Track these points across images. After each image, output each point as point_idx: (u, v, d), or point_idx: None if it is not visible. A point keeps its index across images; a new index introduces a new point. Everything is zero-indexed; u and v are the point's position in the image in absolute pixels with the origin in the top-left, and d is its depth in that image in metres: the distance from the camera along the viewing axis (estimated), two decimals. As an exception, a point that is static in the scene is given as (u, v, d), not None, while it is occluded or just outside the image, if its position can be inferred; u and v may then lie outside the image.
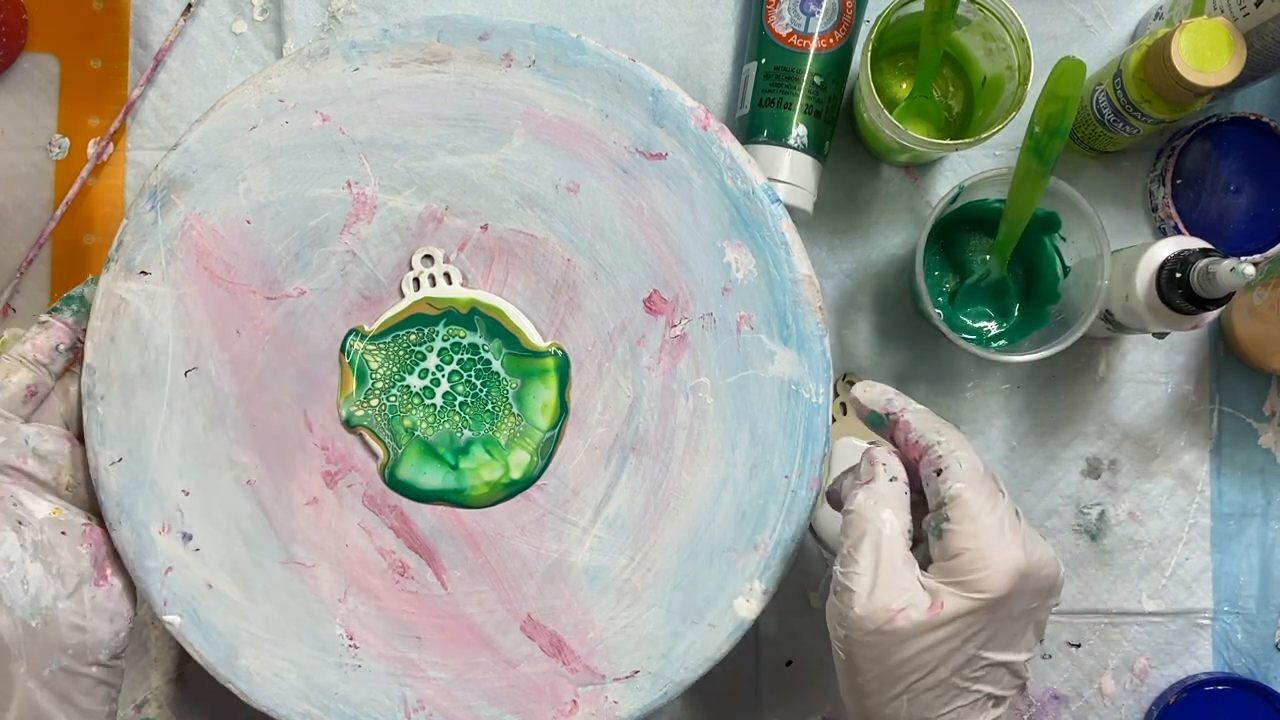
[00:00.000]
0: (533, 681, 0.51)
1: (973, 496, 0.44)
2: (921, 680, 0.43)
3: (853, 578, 0.43)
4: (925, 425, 0.46)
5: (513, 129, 0.52)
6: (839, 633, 0.44)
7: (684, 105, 0.52)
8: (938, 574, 0.44)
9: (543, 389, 0.52)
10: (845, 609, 0.43)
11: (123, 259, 0.52)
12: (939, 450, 0.45)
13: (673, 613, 0.51)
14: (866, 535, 0.44)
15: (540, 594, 0.52)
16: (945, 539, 0.44)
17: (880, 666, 0.43)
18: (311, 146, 0.52)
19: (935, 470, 0.45)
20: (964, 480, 0.44)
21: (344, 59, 0.52)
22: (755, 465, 0.52)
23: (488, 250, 0.53)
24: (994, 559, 0.43)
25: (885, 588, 0.43)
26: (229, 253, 0.52)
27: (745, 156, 0.52)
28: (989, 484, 0.45)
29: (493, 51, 0.52)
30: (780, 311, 0.52)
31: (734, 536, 0.51)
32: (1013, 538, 0.43)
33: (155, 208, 0.52)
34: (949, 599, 0.43)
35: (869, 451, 0.47)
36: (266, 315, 0.52)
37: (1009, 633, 0.44)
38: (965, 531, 0.43)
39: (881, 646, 0.43)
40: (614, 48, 0.52)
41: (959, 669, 0.43)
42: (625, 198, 0.52)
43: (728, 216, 0.52)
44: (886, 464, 0.46)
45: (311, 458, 0.52)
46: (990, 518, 0.43)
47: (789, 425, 0.51)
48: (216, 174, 0.52)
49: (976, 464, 0.45)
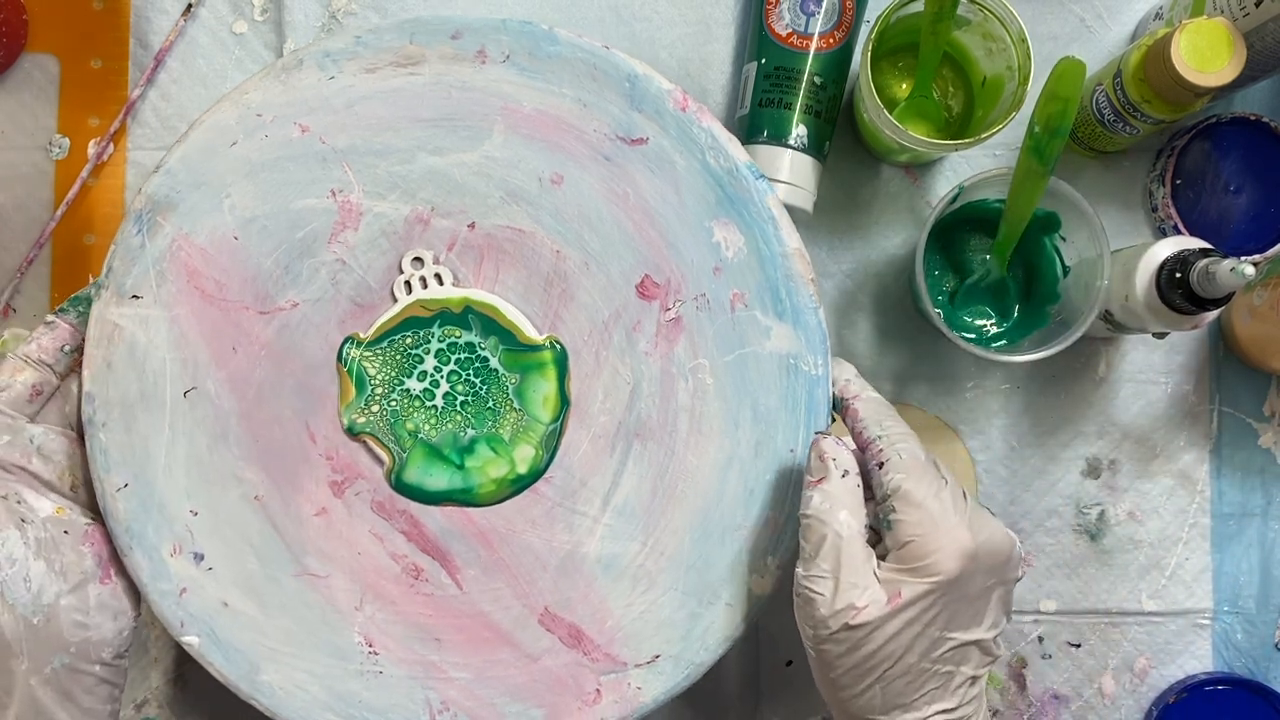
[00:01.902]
0: (555, 674, 0.51)
1: (914, 486, 0.45)
2: (891, 669, 0.44)
3: (816, 581, 0.45)
4: (871, 416, 0.48)
5: (492, 125, 0.52)
6: (807, 632, 0.45)
7: (661, 88, 0.52)
8: (893, 563, 0.45)
9: (542, 382, 0.52)
10: (811, 611, 0.45)
11: (113, 285, 0.52)
12: (880, 444, 0.47)
13: (689, 595, 0.51)
14: (826, 539, 0.45)
15: (555, 586, 0.52)
16: (894, 530, 0.45)
17: (850, 660, 0.44)
18: (293, 158, 0.52)
19: (878, 463, 0.46)
20: (904, 471, 0.45)
21: (318, 68, 0.52)
22: (760, 442, 0.52)
23: (477, 248, 0.53)
24: (940, 542, 0.44)
25: (847, 587, 0.44)
26: (219, 270, 0.52)
27: (726, 135, 0.52)
28: (930, 472, 0.46)
29: (466, 50, 0.52)
30: (773, 286, 0.52)
31: (744, 514, 0.51)
32: (958, 520, 0.45)
33: (142, 231, 0.52)
34: (904, 587, 0.44)
35: (817, 444, 0.47)
36: (261, 330, 0.52)
37: (970, 611, 0.46)
38: (910, 520, 0.44)
39: (849, 642, 0.44)
40: (586, 36, 0.52)
41: (926, 653, 0.45)
42: (610, 185, 0.52)
43: (713, 196, 0.52)
44: (837, 458, 0.47)
45: (317, 468, 0.52)
46: (934, 504, 0.45)
47: (790, 399, 0.52)
48: (200, 193, 0.52)
49: (917, 453, 0.46)
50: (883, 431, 0.47)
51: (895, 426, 0.47)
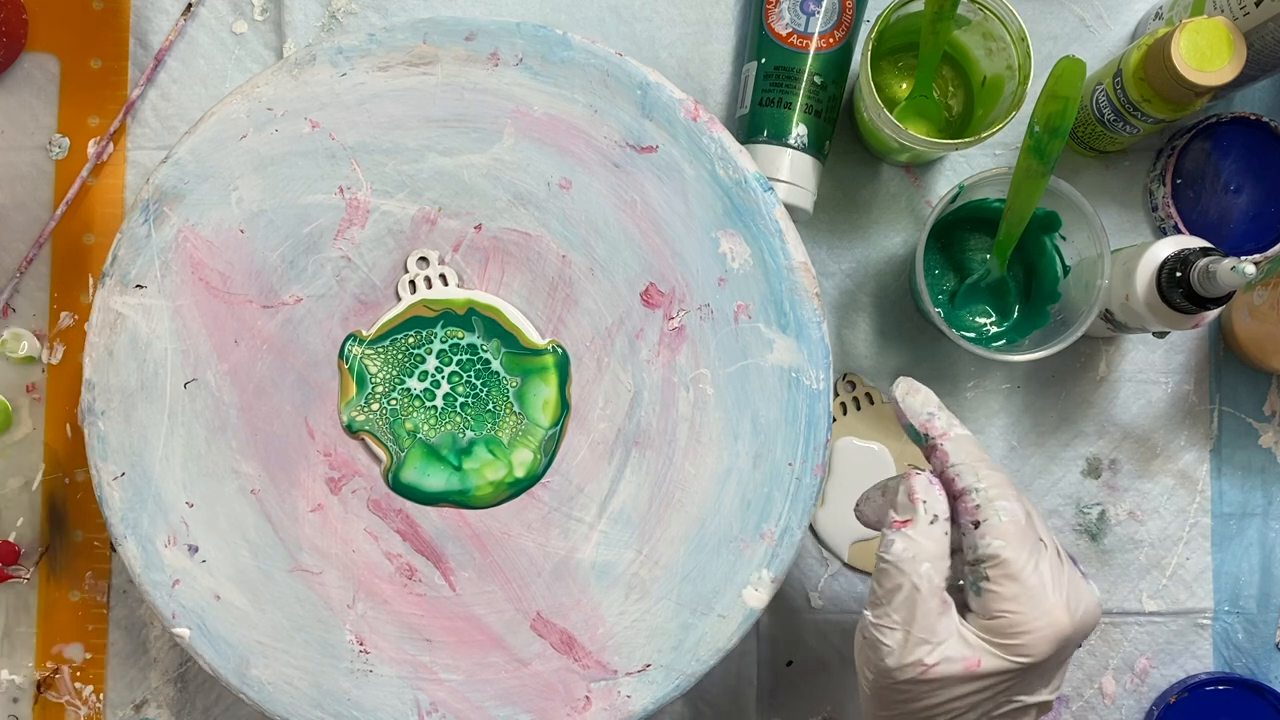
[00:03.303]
0: (545, 679, 0.51)
1: (1013, 555, 0.41)
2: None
3: (885, 631, 0.42)
4: (964, 460, 0.43)
5: (502, 128, 0.52)
6: (868, 675, 0.43)
7: (673, 97, 0.52)
8: (979, 630, 0.42)
9: (543, 386, 0.52)
10: (877, 659, 0.42)
11: (117, 273, 0.52)
12: (977, 498, 0.42)
13: (682, 605, 0.51)
14: (902, 590, 0.42)
15: (549, 591, 0.52)
16: (984, 599, 0.42)
17: (908, 708, 0.42)
18: (302, 154, 0.52)
19: (973, 521, 0.42)
20: (1004, 537, 0.41)
21: (331, 65, 0.52)
22: (758, 454, 0.51)
23: (482, 250, 0.53)
24: (1036, 624, 0.41)
25: (917, 643, 0.41)
26: (224, 263, 0.52)
27: (736, 146, 0.52)
28: (1030, 537, 0.42)
29: (479, 51, 0.52)
30: (777, 299, 0.52)
31: (740, 526, 0.51)
32: (1056, 599, 0.41)
33: (148, 221, 0.52)
34: (987, 659, 0.41)
35: (909, 483, 0.43)
36: (264, 324, 0.52)
37: (1044, 678, 0.43)
38: (1005, 594, 0.41)
39: (912, 693, 0.42)
40: (600, 42, 0.52)
41: (987, 713, 0.43)
42: (618, 192, 0.52)
43: (721, 206, 0.52)
44: (928, 501, 0.43)
45: (315, 464, 0.52)
46: (1033, 578, 0.41)
47: (790, 413, 0.51)
48: (208, 185, 0.52)
49: (1017, 514, 0.42)
50: (979, 483, 0.42)
51: (992, 475, 0.43)
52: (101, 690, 0.59)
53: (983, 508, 0.42)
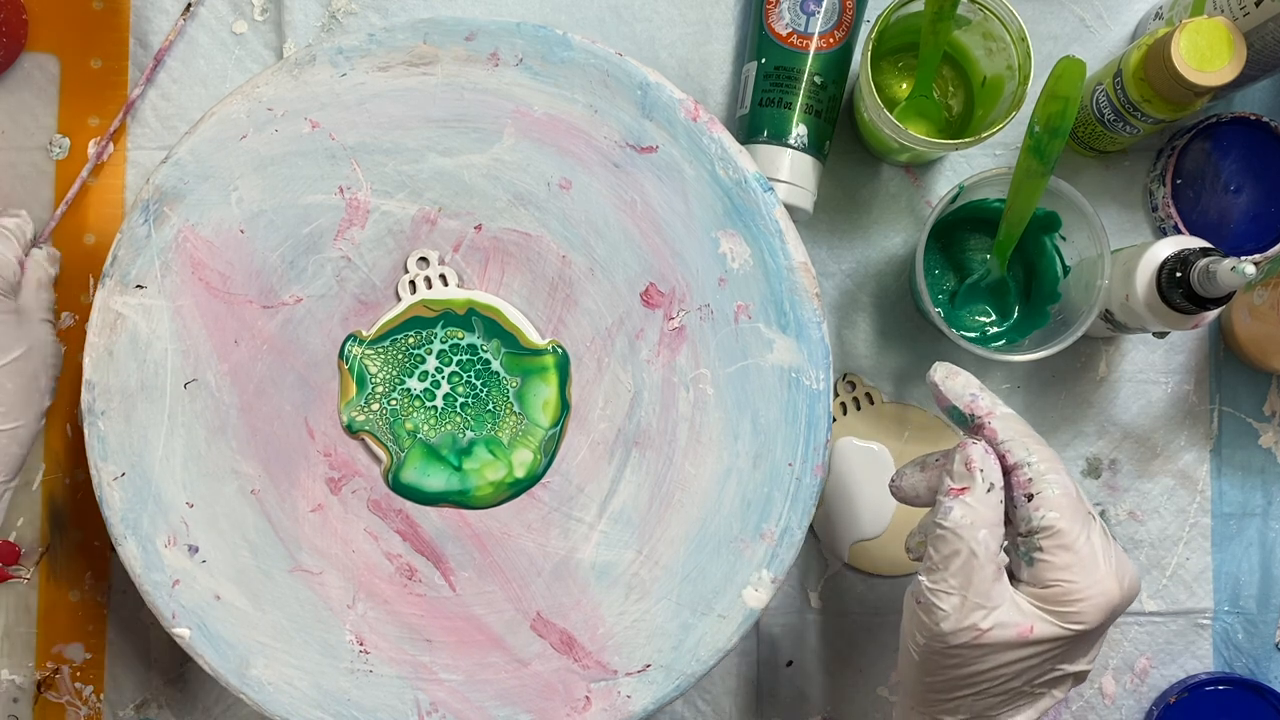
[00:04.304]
0: (545, 680, 0.51)
1: (1067, 526, 0.43)
2: (993, 688, 0.44)
3: (941, 595, 0.43)
4: (1014, 435, 0.45)
5: (502, 128, 0.52)
6: (919, 639, 0.44)
7: (673, 97, 0.52)
8: (1032, 598, 0.43)
9: (543, 386, 0.52)
10: (931, 623, 0.43)
11: (117, 273, 0.52)
12: (1029, 472, 0.44)
13: (682, 605, 0.51)
14: (959, 554, 0.43)
15: (549, 592, 0.52)
16: (1037, 568, 0.43)
17: (956, 673, 0.44)
18: (302, 154, 0.52)
19: (1026, 494, 0.44)
20: (1057, 509, 0.43)
21: (331, 65, 0.52)
22: (758, 454, 0.51)
23: (483, 250, 0.53)
24: (1089, 593, 0.42)
25: (972, 608, 0.42)
26: (224, 263, 0.52)
27: (736, 146, 0.52)
28: (1081, 509, 0.43)
29: (479, 51, 0.52)
30: (777, 299, 0.52)
31: (740, 526, 0.51)
32: (1106, 569, 0.43)
33: (148, 221, 0.52)
34: (1040, 625, 0.43)
35: (966, 452, 0.44)
36: (264, 324, 0.52)
37: (1085, 648, 0.45)
38: (1059, 564, 0.43)
39: (962, 658, 0.43)
40: (600, 42, 0.52)
41: (1030, 680, 0.44)
42: (618, 192, 0.52)
43: (721, 206, 0.52)
44: (985, 470, 0.44)
45: (315, 465, 0.52)
46: (1085, 548, 0.43)
47: (790, 413, 0.51)
48: (208, 185, 0.52)
49: (1069, 487, 0.44)
50: (1030, 458, 0.44)
51: (1041, 450, 0.44)
52: (101, 690, 0.59)
53: (1035, 481, 0.44)
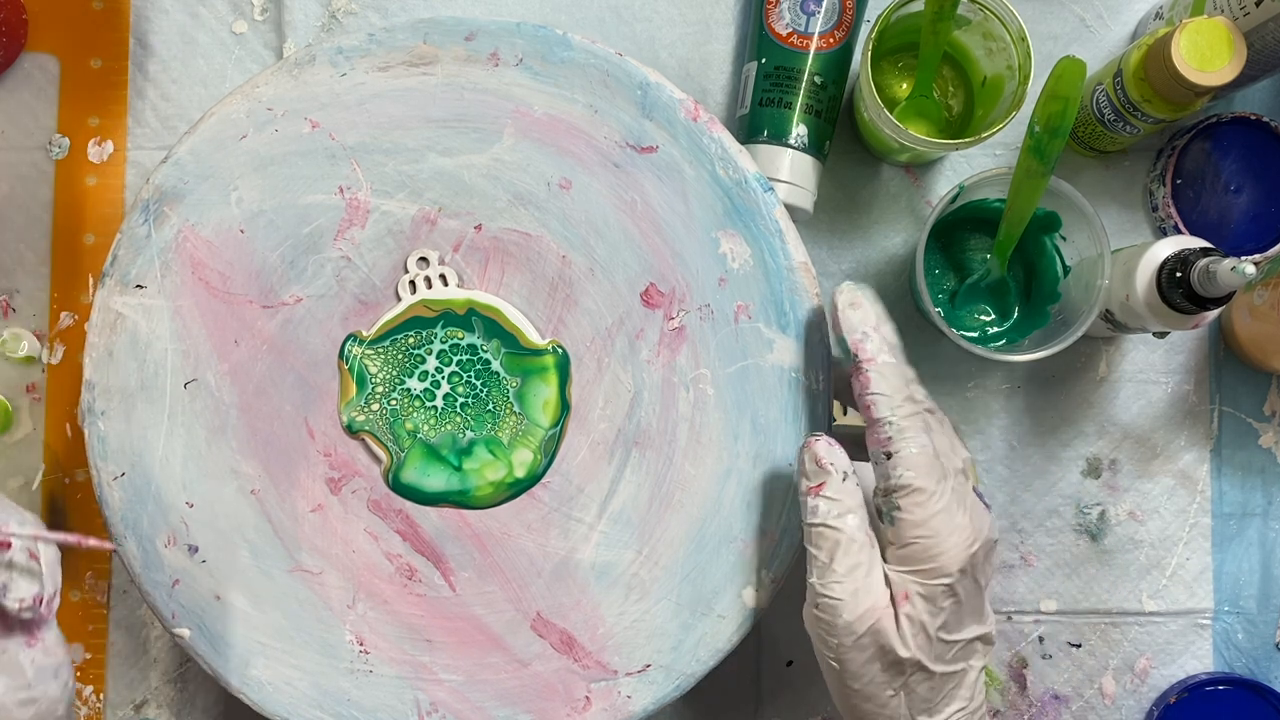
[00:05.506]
0: (545, 680, 0.51)
1: (921, 483, 0.44)
2: (914, 675, 0.44)
3: (833, 587, 0.44)
4: (885, 390, 0.45)
5: (502, 128, 0.52)
6: (830, 643, 0.45)
7: (673, 97, 0.52)
8: (897, 563, 0.45)
9: (543, 387, 0.52)
10: (834, 619, 0.44)
11: (117, 273, 0.51)
12: (888, 430, 0.45)
13: (682, 605, 0.51)
14: (839, 544, 0.44)
15: (549, 592, 0.52)
16: (898, 526, 0.44)
17: (876, 666, 0.44)
18: (302, 154, 0.52)
19: (885, 452, 0.45)
20: (913, 468, 0.44)
21: (331, 65, 0.52)
22: (758, 454, 0.51)
23: (483, 250, 0.53)
24: (946, 543, 0.44)
25: (866, 591, 0.44)
26: (224, 263, 0.52)
27: (736, 146, 0.52)
28: (936, 467, 0.45)
29: (479, 51, 0.52)
30: (777, 299, 0.52)
31: (740, 527, 0.51)
32: (961, 518, 0.44)
33: (148, 221, 0.52)
34: (912, 588, 0.44)
35: (812, 450, 0.46)
36: (264, 324, 0.52)
37: (972, 608, 0.45)
38: (915, 519, 0.44)
39: (874, 646, 0.44)
40: (600, 42, 0.52)
41: (940, 656, 0.45)
42: (618, 192, 0.52)
43: (721, 206, 0.52)
44: (835, 461, 0.45)
45: (314, 465, 0.52)
46: (940, 502, 0.44)
47: (790, 413, 0.51)
48: (208, 184, 0.52)
49: (926, 445, 0.45)
50: (893, 415, 0.45)
51: (905, 409, 0.45)
52: (101, 690, 0.59)
53: (894, 440, 0.45)
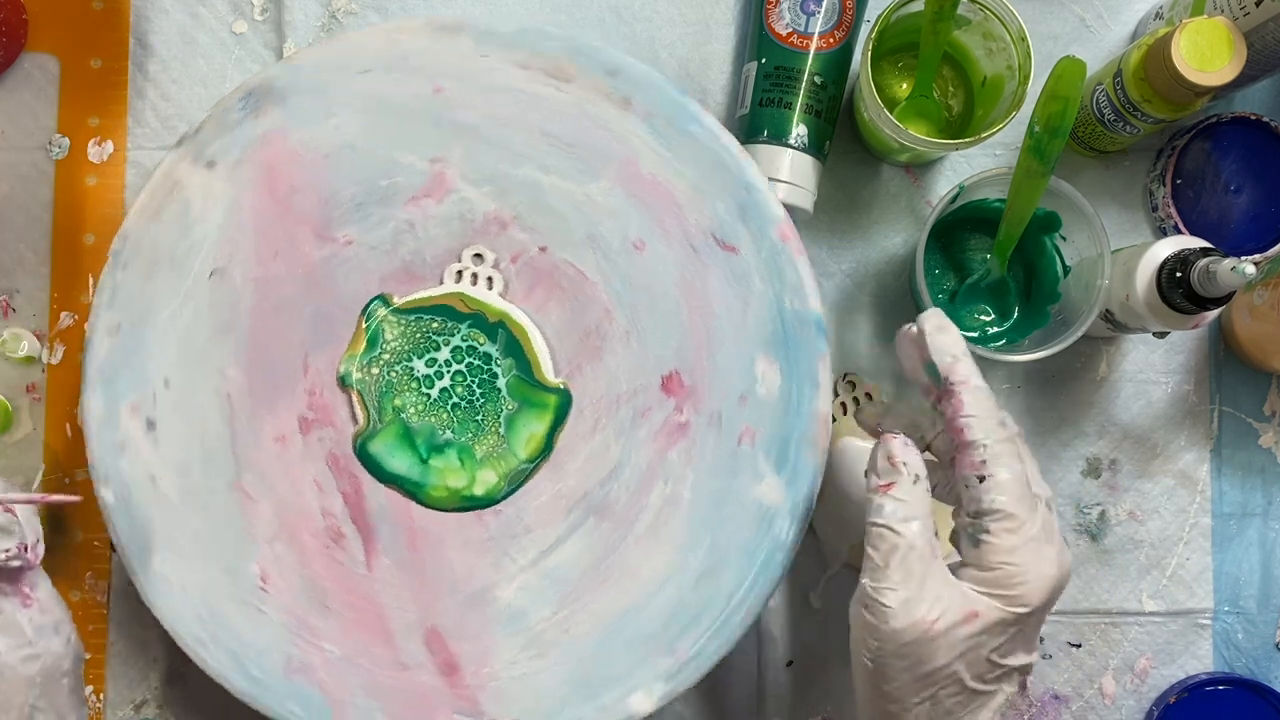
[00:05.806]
0: (416, 691, 0.51)
1: (1014, 509, 0.43)
2: (947, 688, 0.44)
3: (885, 593, 0.43)
4: (978, 413, 0.45)
5: (607, 169, 0.52)
6: (871, 645, 0.44)
7: (773, 212, 0.52)
8: (975, 582, 0.44)
9: (535, 422, 0.52)
10: (879, 623, 0.43)
11: (195, 144, 0.52)
12: (982, 454, 0.44)
13: (572, 680, 0.51)
14: (897, 549, 0.43)
15: (456, 613, 0.51)
16: (983, 549, 0.44)
17: (911, 675, 0.44)
18: (413, 111, 0.52)
19: (978, 476, 0.44)
20: (1006, 493, 0.44)
21: (475, 41, 0.52)
22: (704, 574, 0.51)
23: (538, 271, 0.53)
24: (1032, 574, 0.43)
25: (919, 600, 0.43)
26: (298, 178, 0.52)
27: (813, 284, 0.52)
28: (1029, 495, 0.44)
29: (616, 90, 0.52)
30: (785, 440, 0.51)
31: (659, 632, 0.51)
32: (1049, 551, 0.44)
33: (245, 109, 0.52)
34: (985, 609, 0.43)
35: (887, 447, 0.45)
36: (310, 250, 0.52)
37: (1026, 637, 0.45)
38: (1004, 546, 0.43)
39: (915, 656, 0.43)
40: (729, 135, 0.52)
41: (980, 675, 0.44)
42: (685, 273, 0.52)
43: (772, 331, 0.52)
44: (908, 462, 0.45)
45: (296, 398, 0.52)
46: (1031, 530, 0.43)
47: (751, 550, 0.51)
48: (314, 99, 0.52)
49: (1020, 472, 0.44)
50: (987, 439, 0.44)
51: (999, 433, 0.45)
52: (101, 690, 0.58)
53: (988, 463, 0.44)
